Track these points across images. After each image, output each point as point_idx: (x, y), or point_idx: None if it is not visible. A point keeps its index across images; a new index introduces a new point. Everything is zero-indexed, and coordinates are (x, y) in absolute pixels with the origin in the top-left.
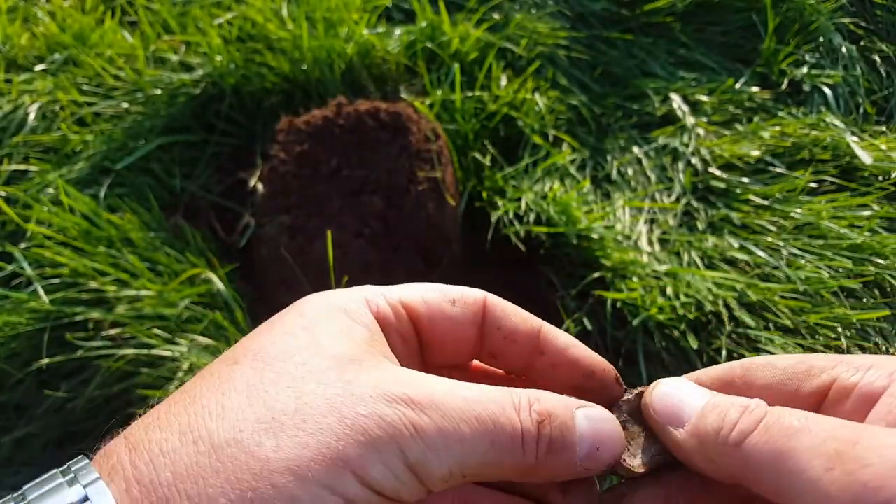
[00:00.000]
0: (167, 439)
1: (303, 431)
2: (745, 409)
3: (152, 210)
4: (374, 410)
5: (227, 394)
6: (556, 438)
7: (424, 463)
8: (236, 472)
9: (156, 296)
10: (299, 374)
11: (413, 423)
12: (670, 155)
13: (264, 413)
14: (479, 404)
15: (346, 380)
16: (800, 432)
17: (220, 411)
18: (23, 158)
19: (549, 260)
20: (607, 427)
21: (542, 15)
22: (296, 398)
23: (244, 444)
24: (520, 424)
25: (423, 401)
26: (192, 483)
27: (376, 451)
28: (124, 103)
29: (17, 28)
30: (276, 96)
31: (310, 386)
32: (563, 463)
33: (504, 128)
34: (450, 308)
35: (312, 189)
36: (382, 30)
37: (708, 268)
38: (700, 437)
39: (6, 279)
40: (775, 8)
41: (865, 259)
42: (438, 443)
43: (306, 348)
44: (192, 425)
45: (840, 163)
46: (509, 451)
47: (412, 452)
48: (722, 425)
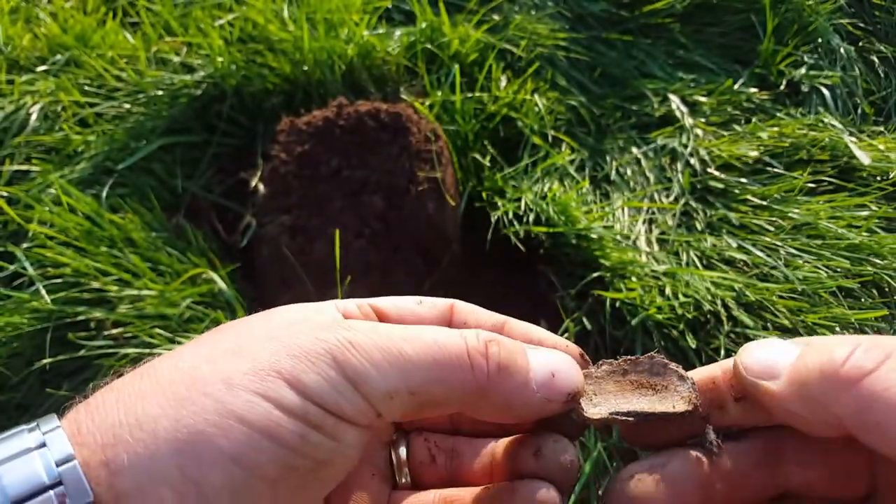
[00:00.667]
0: (121, 379)
1: (240, 357)
2: (858, 346)
3: (154, 210)
4: (312, 334)
5: (181, 350)
6: (506, 359)
7: (364, 376)
8: (172, 389)
9: (157, 295)
10: (247, 329)
11: (350, 340)
12: (669, 155)
13: (208, 351)
14: (421, 331)
15: (288, 319)
16: None
17: (171, 357)
18: (25, 159)
19: (548, 260)
20: (561, 357)
21: (541, 16)
22: (238, 339)
23: (183, 370)
24: (465, 344)
25: (363, 326)
26: (130, 401)
27: (310, 362)
28: (126, 104)
29: (19, 29)
30: (277, 97)
31: (256, 332)
32: (517, 387)
33: (504, 128)
34: (417, 307)
35: (313, 189)
36: (383, 31)
37: (706, 268)
38: (803, 379)
39: (8, 279)
40: (774, 9)
41: (863, 259)
42: (378, 358)
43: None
44: (143, 370)
45: (838, 163)
46: (456, 367)
47: (349, 366)
48: (829, 360)
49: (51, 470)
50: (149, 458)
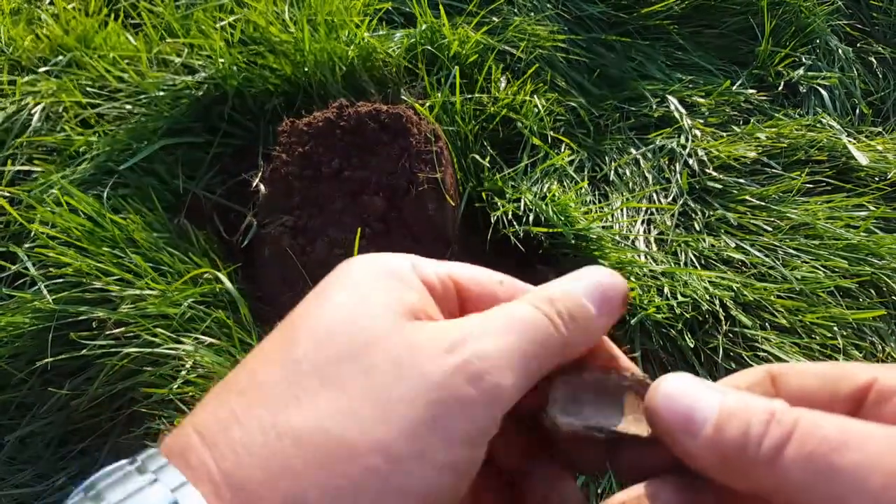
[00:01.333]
0: (249, 434)
1: (383, 409)
2: (772, 418)
3: (155, 211)
4: (442, 366)
5: (297, 381)
6: (570, 307)
7: (500, 387)
8: (327, 462)
9: (159, 295)
10: (361, 347)
11: (475, 354)
12: (667, 156)
13: (340, 398)
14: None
15: (407, 344)
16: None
17: (296, 401)
18: (27, 159)
19: (547, 260)
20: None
21: (540, 18)
22: (366, 376)
23: (330, 433)
24: (544, 313)
25: (478, 330)
26: (284, 481)
27: (457, 401)
28: (128, 105)
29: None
30: (278, 98)
31: (377, 359)
32: (586, 320)
33: (503, 129)
34: (500, 289)
35: (314, 190)
36: (383, 33)
37: (704, 268)
38: (720, 451)
39: (10, 279)
40: (772, 10)
41: (861, 259)
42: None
43: (362, 315)
44: (273, 420)
45: (836, 164)
46: (550, 338)
47: (489, 386)
48: (747, 439)
49: None
50: None
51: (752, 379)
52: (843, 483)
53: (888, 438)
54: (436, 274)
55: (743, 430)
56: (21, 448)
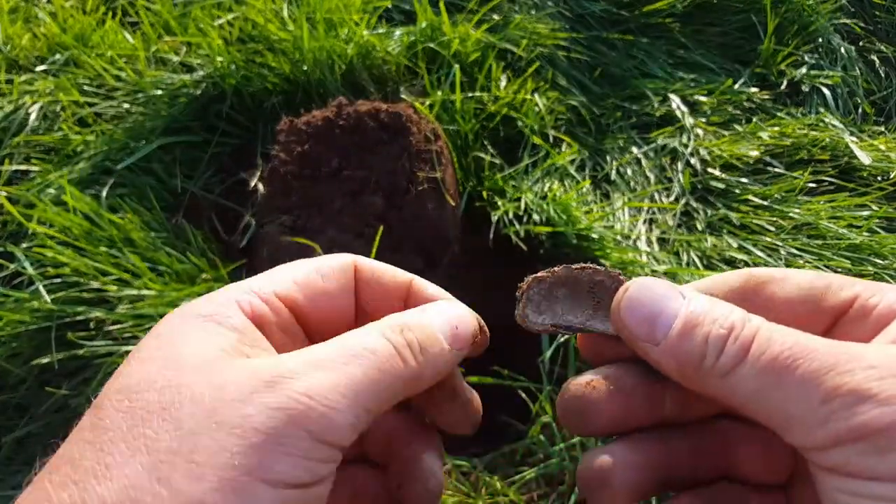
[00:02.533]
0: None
1: (195, 463)
2: (730, 333)
3: (153, 210)
4: (259, 404)
5: (106, 448)
6: (423, 339)
7: (330, 425)
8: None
9: (157, 295)
10: (167, 399)
11: (303, 393)
12: (669, 155)
13: (149, 460)
14: (351, 346)
15: (217, 385)
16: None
17: (106, 472)
18: (24, 159)
19: (549, 260)
20: (451, 308)
21: (541, 16)
22: (175, 429)
23: (132, 497)
24: (391, 342)
25: (301, 367)
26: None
27: (278, 444)
28: (125, 104)
29: (19, 29)
30: (277, 97)
31: (184, 410)
32: (438, 355)
33: (504, 128)
34: (322, 284)
35: (313, 189)
36: (383, 31)
37: (707, 267)
38: (678, 361)
39: (8, 279)
40: (774, 9)
41: (864, 259)
42: (334, 398)
43: (166, 368)
44: (83, 497)
45: (839, 163)
46: (395, 369)
47: (314, 422)
48: (705, 352)
49: None
50: None
51: (733, 283)
52: (788, 396)
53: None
54: (262, 298)
55: (700, 344)
56: (18, 449)
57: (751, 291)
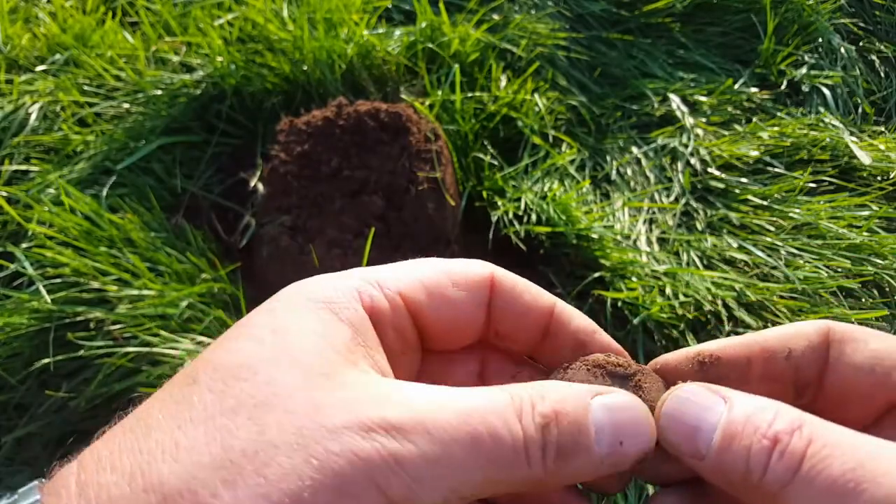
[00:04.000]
0: (116, 484)
1: (264, 479)
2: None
3: (153, 210)
4: (346, 446)
5: (183, 427)
6: (566, 443)
7: (411, 498)
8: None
9: (157, 295)
10: (262, 398)
11: (394, 455)
12: (669, 155)
13: (221, 455)
14: (473, 417)
15: (315, 404)
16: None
17: (174, 451)
18: (24, 159)
19: (549, 260)
20: (631, 415)
21: (541, 16)
22: (257, 433)
23: (198, 496)
24: (521, 434)
25: (406, 423)
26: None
27: (353, 498)
28: (125, 104)
29: (19, 29)
30: (277, 97)
31: (273, 416)
32: (580, 466)
33: (504, 128)
34: (453, 292)
35: (313, 189)
36: (382, 31)
37: (707, 268)
38: (726, 477)
39: (8, 279)
40: (774, 9)
41: (864, 259)
42: (426, 473)
43: (272, 360)
44: (144, 468)
45: (839, 163)
46: (510, 465)
47: (395, 490)
48: (747, 467)
49: None
50: None
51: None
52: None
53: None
54: (385, 294)
55: (741, 460)
56: (18, 449)
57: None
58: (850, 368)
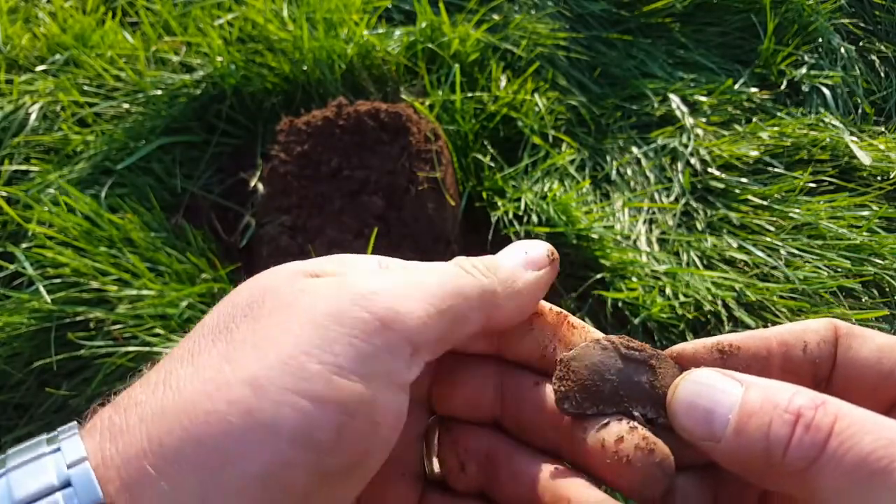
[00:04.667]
0: (143, 391)
1: (261, 347)
2: (799, 420)
3: (153, 210)
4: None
5: (197, 342)
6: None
7: (396, 310)
8: (194, 400)
9: (157, 295)
10: (256, 298)
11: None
12: (669, 155)
13: (225, 347)
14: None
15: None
16: (891, 464)
17: (190, 358)
18: (24, 159)
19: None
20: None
21: (541, 16)
22: (253, 321)
23: (205, 375)
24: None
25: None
26: (153, 423)
27: (340, 325)
28: (125, 104)
29: (19, 29)
30: (277, 97)
31: (266, 306)
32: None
33: (504, 128)
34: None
35: (313, 189)
36: (382, 31)
37: (707, 268)
38: (744, 458)
39: (8, 279)
40: (774, 9)
41: (864, 259)
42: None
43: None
44: (165, 376)
45: (839, 163)
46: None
47: (379, 306)
48: (768, 445)
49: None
50: (172, 492)
51: (818, 333)
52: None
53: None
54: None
55: (761, 437)
56: None
57: (831, 344)
58: (857, 362)
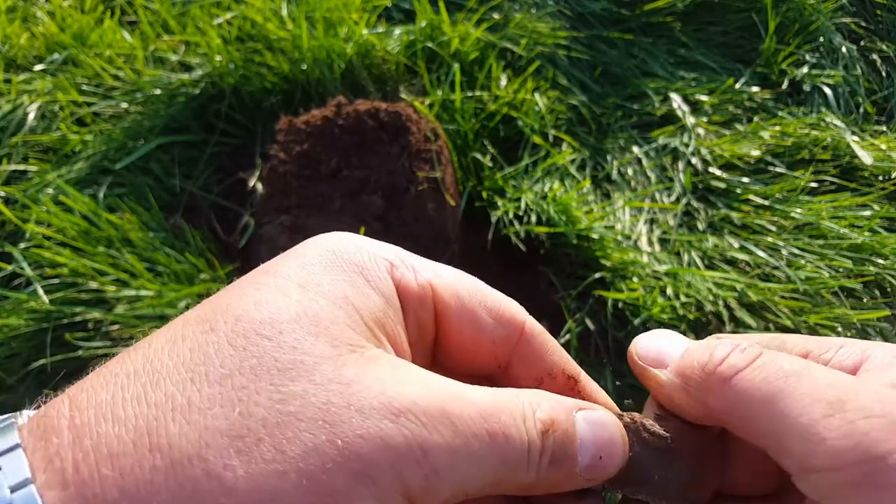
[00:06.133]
0: (119, 438)
1: (283, 454)
2: (736, 347)
3: (152, 210)
4: (375, 430)
5: (197, 382)
6: (559, 449)
7: (426, 488)
8: (195, 498)
9: (155, 296)
10: (286, 362)
11: (421, 443)
12: (670, 155)
13: (238, 422)
14: (491, 414)
15: (345, 380)
16: (797, 375)
17: (186, 410)
18: (22, 158)
19: (549, 260)
20: (610, 432)
21: (541, 15)
22: (280, 402)
23: (209, 464)
24: (527, 437)
25: (434, 412)
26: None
27: (372, 483)
28: (124, 103)
29: (17, 28)
30: (276, 96)
31: (298, 385)
32: (564, 475)
33: (504, 128)
34: (485, 320)
35: (312, 189)
36: (382, 30)
37: (708, 268)
38: (685, 373)
39: (6, 279)
40: (775, 8)
41: (866, 259)
42: (445, 464)
43: (299, 320)
44: (151, 425)
45: (840, 163)
46: (516, 465)
47: (414, 479)
48: (708, 359)
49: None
50: None
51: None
52: (788, 406)
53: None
54: (415, 281)
55: (707, 353)
56: None
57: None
58: None
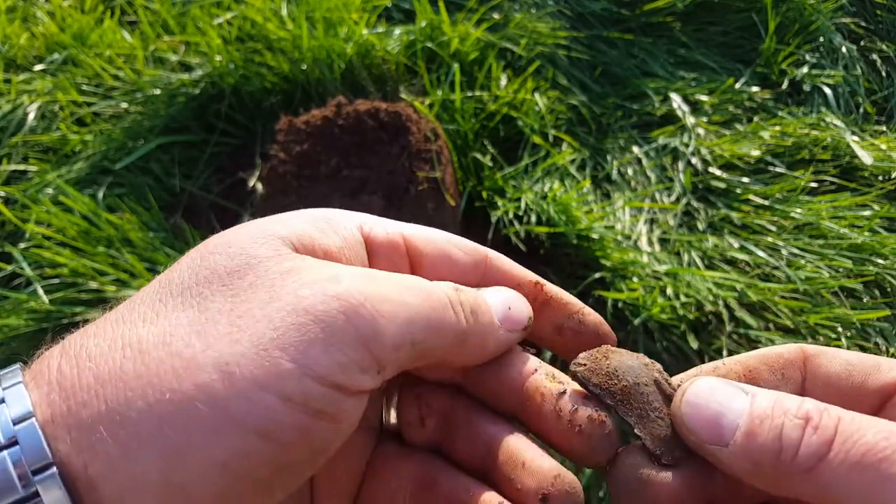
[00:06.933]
0: (98, 345)
1: (237, 327)
2: (807, 423)
3: (152, 210)
4: (319, 290)
5: (163, 299)
6: (471, 300)
7: (378, 333)
8: (159, 373)
9: None
10: (233, 266)
11: (362, 291)
12: (670, 155)
13: (196, 315)
14: (412, 279)
15: (286, 269)
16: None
17: (154, 317)
18: (22, 158)
19: (549, 260)
20: (511, 293)
21: (541, 15)
22: (231, 296)
23: (171, 347)
24: (444, 291)
25: (368, 275)
26: (112, 387)
27: (321, 330)
28: (123, 103)
29: (17, 28)
30: (276, 96)
31: (246, 280)
32: (486, 325)
33: (504, 128)
34: (456, 252)
35: (312, 189)
36: (382, 30)
37: (708, 268)
38: (754, 460)
39: (6, 279)
40: (775, 8)
41: (866, 259)
42: (387, 309)
43: (249, 236)
44: (125, 332)
45: (840, 163)
46: (446, 315)
47: (365, 323)
48: (781, 447)
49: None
50: (131, 465)
51: (787, 357)
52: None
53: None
54: (385, 231)
55: (774, 439)
56: None
57: (801, 366)
58: (829, 379)
